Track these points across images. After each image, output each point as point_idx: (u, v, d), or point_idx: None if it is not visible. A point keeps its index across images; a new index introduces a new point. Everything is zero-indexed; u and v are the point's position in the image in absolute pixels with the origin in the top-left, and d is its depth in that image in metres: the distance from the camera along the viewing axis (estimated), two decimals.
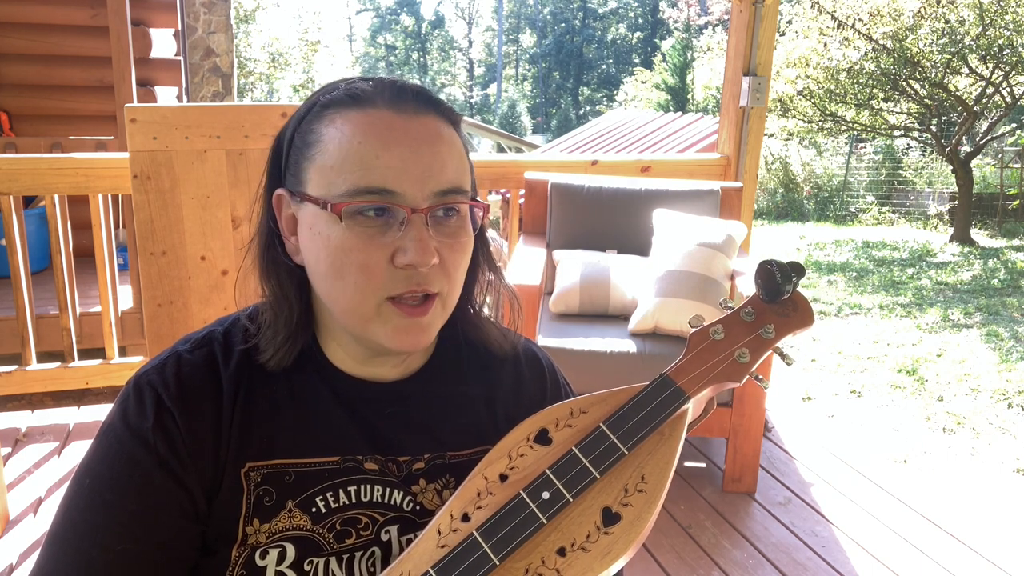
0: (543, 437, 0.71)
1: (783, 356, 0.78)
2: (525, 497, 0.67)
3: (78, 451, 2.66)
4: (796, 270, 0.76)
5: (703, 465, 2.72)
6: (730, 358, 0.75)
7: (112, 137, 4.12)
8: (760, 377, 0.76)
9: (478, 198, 0.78)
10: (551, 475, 0.68)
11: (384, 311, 0.70)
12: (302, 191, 0.72)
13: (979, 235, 9.02)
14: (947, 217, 9.76)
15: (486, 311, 0.88)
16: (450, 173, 0.70)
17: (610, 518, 0.66)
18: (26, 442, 2.72)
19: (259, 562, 0.71)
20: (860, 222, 10.69)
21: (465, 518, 0.68)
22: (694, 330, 0.77)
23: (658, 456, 0.69)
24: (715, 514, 2.40)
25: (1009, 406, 3.66)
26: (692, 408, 0.74)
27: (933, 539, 2.32)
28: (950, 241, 8.58)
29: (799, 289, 0.78)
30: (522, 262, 2.64)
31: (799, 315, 0.78)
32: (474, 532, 0.66)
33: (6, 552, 2.10)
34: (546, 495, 0.67)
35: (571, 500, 0.67)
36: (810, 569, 2.16)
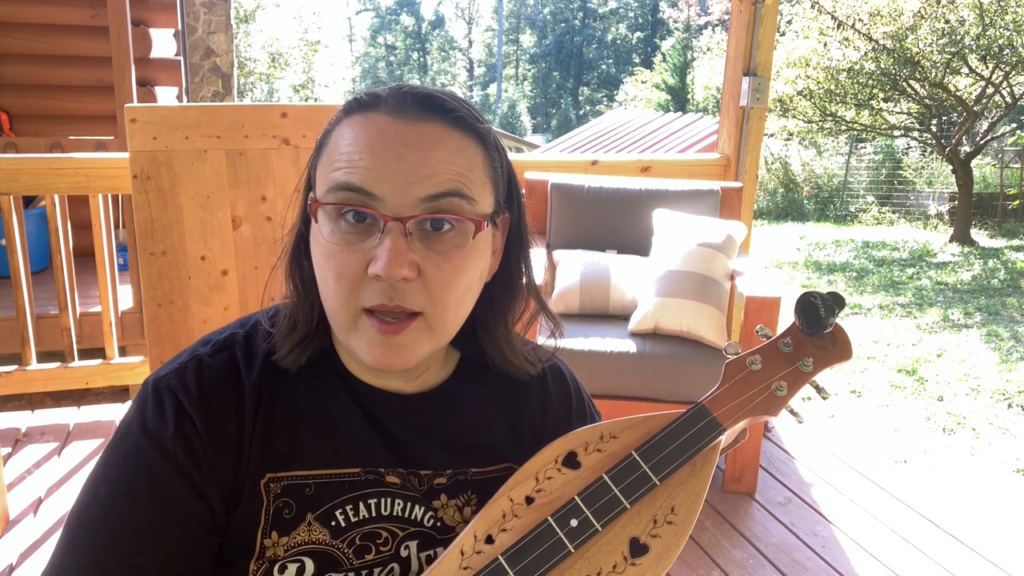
0: (571, 460, 0.69)
1: (819, 390, 0.76)
2: (553, 523, 0.66)
3: (78, 451, 2.66)
4: (838, 302, 0.74)
5: None
6: (767, 391, 0.73)
7: (112, 137, 4.12)
8: (795, 411, 0.74)
9: (517, 221, 0.76)
10: (580, 502, 0.67)
11: (361, 323, 0.68)
12: (313, 192, 0.72)
13: (979, 235, 9.02)
14: (947, 217, 9.76)
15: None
16: (443, 177, 0.66)
17: (638, 549, 0.65)
18: (26, 442, 2.72)
19: None
20: (860, 222, 10.69)
21: (489, 540, 0.66)
22: (731, 358, 0.75)
23: (689, 488, 0.67)
24: (715, 514, 2.40)
25: (1009, 406, 3.66)
26: (725, 438, 0.72)
27: (933, 539, 2.32)
28: (950, 241, 8.58)
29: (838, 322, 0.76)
30: None
31: (838, 348, 0.75)
32: (499, 557, 0.65)
33: (6, 552, 2.10)
34: (574, 523, 0.66)
35: (600, 529, 0.66)
36: (810, 569, 2.16)
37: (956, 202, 9.12)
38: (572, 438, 0.71)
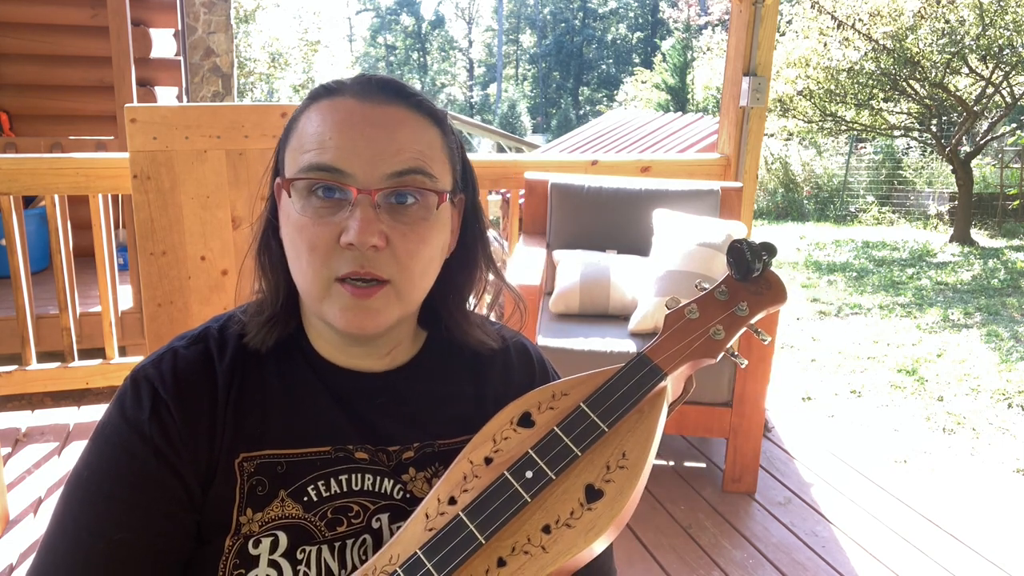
0: (526, 420, 0.72)
1: (757, 332, 0.79)
2: (509, 477, 0.69)
3: (78, 451, 2.65)
4: (767, 249, 0.77)
5: (703, 465, 2.72)
6: (705, 335, 0.76)
7: (112, 137, 4.12)
8: (736, 354, 0.78)
9: (471, 201, 0.81)
10: (533, 455, 0.70)
11: (333, 291, 0.72)
12: (282, 174, 0.76)
13: (979, 235, 9.02)
14: (947, 217, 9.76)
15: (484, 311, 0.89)
16: (407, 155, 0.72)
17: (593, 495, 0.67)
18: (26, 442, 2.72)
19: (252, 551, 0.72)
20: (860, 222, 10.69)
21: (452, 501, 0.69)
22: (670, 311, 0.79)
23: (638, 433, 0.70)
24: (715, 514, 2.40)
25: (1009, 406, 3.66)
26: (671, 386, 0.75)
27: (933, 539, 2.32)
28: (950, 241, 8.58)
29: (773, 270, 0.80)
30: (522, 262, 2.64)
31: (772, 293, 0.79)
32: (460, 513, 0.67)
33: (6, 552, 2.10)
34: (529, 474, 0.68)
35: (554, 478, 0.68)
36: (810, 569, 2.16)
37: (956, 202, 9.12)
38: (526, 399, 0.74)
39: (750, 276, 0.78)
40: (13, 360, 2.97)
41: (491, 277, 0.86)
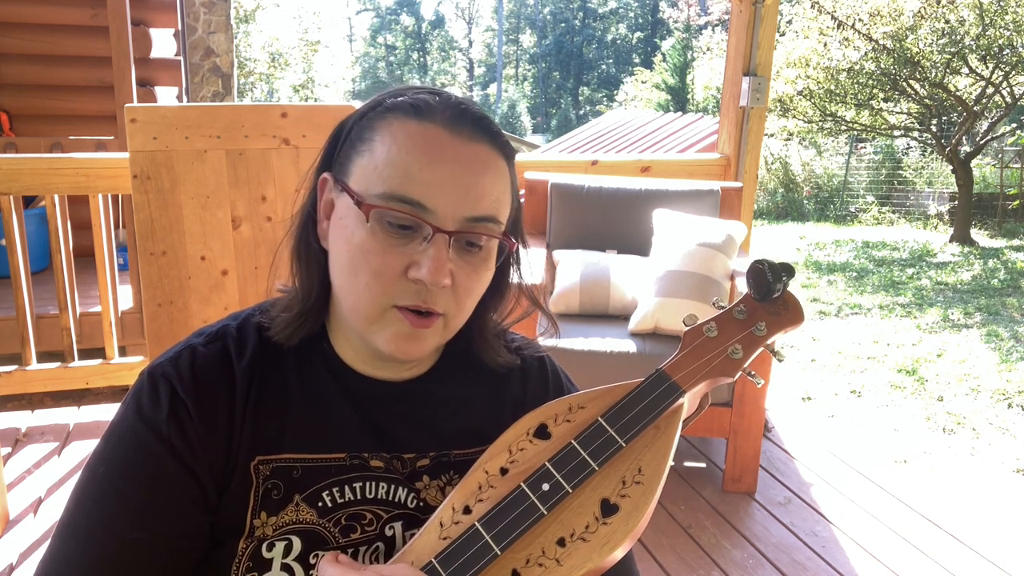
0: (542, 432, 0.73)
1: (775, 353, 0.80)
2: (525, 488, 0.69)
3: (78, 451, 2.66)
4: (786, 270, 0.78)
5: (703, 465, 2.72)
6: (723, 354, 0.77)
7: (112, 137, 4.12)
8: (753, 373, 0.78)
9: (519, 239, 0.80)
10: (551, 467, 0.70)
11: (389, 315, 0.72)
12: (344, 181, 0.73)
13: (979, 235, 9.02)
14: (947, 217, 9.76)
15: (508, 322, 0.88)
16: (487, 202, 0.71)
17: (608, 509, 0.67)
18: (26, 442, 2.72)
19: (266, 554, 0.72)
20: (860, 222, 10.69)
21: (467, 511, 0.69)
22: (688, 328, 0.80)
23: (655, 449, 0.70)
24: (715, 514, 2.40)
25: (1009, 406, 3.66)
26: (688, 403, 0.75)
27: (933, 539, 2.32)
28: (950, 241, 8.58)
29: (790, 290, 0.81)
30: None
31: (790, 314, 0.80)
32: (476, 523, 0.67)
33: (6, 552, 2.10)
34: (546, 487, 0.69)
35: (570, 491, 0.68)
36: (810, 569, 2.16)
37: (956, 202, 9.12)
38: (542, 411, 0.74)
39: (770, 297, 0.79)
40: (13, 360, 2.97)
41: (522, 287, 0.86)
